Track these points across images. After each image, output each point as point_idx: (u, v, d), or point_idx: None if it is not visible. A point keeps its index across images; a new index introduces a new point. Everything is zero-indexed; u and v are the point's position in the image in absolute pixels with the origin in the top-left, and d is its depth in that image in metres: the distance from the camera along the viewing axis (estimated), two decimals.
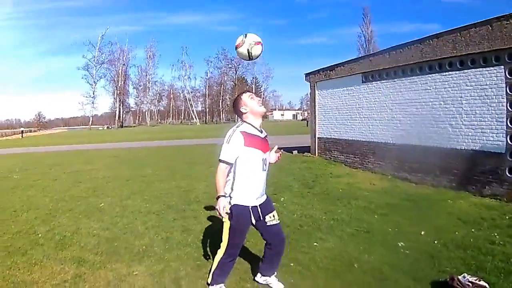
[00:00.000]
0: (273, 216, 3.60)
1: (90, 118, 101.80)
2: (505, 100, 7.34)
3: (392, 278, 3.93)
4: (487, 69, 7.60)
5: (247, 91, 3.63)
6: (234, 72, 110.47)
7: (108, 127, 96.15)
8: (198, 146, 23.37)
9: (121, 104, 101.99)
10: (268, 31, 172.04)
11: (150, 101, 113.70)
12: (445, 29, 8.55)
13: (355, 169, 11.92)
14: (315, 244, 5.07)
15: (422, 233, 5.34)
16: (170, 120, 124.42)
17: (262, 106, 3.52)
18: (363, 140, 11.90)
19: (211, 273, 3.61)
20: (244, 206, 3.38)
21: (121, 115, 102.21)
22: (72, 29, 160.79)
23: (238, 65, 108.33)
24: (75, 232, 5.85)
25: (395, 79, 10.31)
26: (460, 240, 4.99)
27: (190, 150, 21.09)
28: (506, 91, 7.31)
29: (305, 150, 16.44)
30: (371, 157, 11.42)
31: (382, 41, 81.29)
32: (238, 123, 3.47)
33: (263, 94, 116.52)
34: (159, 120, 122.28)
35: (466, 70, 8.06)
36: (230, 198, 3.37)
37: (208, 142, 26.14)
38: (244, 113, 3.47)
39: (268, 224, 3.56)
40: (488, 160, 7.62)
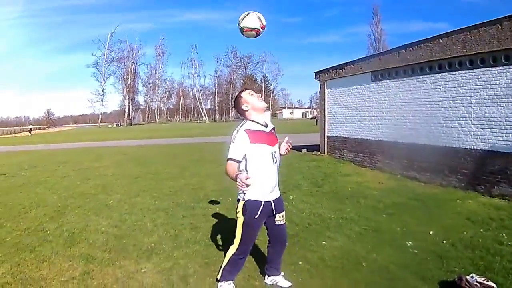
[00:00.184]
0: (282, 216, 3.65)
1: (99, 115, 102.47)
2: None
3: (399, 278, 3.95)
4: (497, 68, 7.57)
5: (246, 89, 3.66)
6: (244, 70, 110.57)
7: (117, 125, 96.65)
8: (207, 144, 23.43)
9: (130, 102, 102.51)
10: (277, 29, 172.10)
11: (160, 99, 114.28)
12: (454, 28, 8.53)
13: (364, 168, 11.91)
14: (324, 242, 5.10)
15: (431, 232, 5.35)
16: (180, 118, 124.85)
17: (262, 102, 3.56)
18: (372, 139, 11.89)
19: (222, 269, 3.66)
20: (257, 201, 3.42)
21: (130, 113, 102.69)
22: (82, 27, 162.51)
23: (248, 63, 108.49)
24: (84, 229, 5.90)
25: (405, 78, 10.28)
26: (468, 240, 4.99)
27: (199, 148, 21.16)
28: None
29: (314, 148, 16.44)
30: (380, 156, 11.41)
31: (391, 40, 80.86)
32: (242, 122, 3.51)
33: (273, 93, 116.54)
34: (168, 118, 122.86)
35: (475, 70, 8.03)
36: (244, 193, 3.41)
37: (217, 140, 26.19)
38: (246, 110, 3.50)
39: (276, 223, 3.62)
40: (497, 160, 7.59)
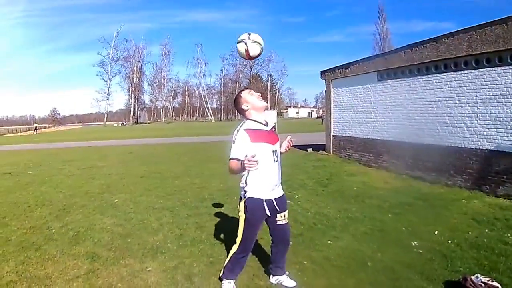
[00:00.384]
0: (284, 215, 3.66)
1: (105, 114, 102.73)
2: None
3: (405, 277, 3.95)
4: (503, 68, 7.54)
5: (246, 88, 3.68)
6: (249, 69, 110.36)
7: (122, 124, 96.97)
8: (212, 143, 23.44)
9: (136, 101, 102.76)
10: (283, 29, 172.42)
11: (165, 98, 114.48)
12: (460, 27, 8.51)
13: (370, 167, 11.90)
14: (329, 242, 5.12)
15: (436, 232, 5.34)
16: (185, 117, 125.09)
17: (262, 101, 3.57)
18: (378, 138, 11.88)
19: (224, 267, 3.71)
20: (258, 198, 3.44)
21: (136, 112, 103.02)
22: (87, 26, 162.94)
23: (253, 62, 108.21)
24: (89, 227, 5.94)
25: (411, 78, 10.26)
26: (473, 240, 4.99)
27: (204, 147, 21.21)
28: None
29: (320, 148, 16.43)
30: (386, 155, 11.40)
31: (397, 39, 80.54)
32: (241, 122, 3.53)
33: (278, 92, 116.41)
34: (174, 117, 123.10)
35: (481, 69, 8.00)
36: (245, 191, 3.44)
37: (222, 139, 26.13)
38: (246, 110, 3.52)
39: (278, 222, 3.63)
40: (502, 160, 7.57)
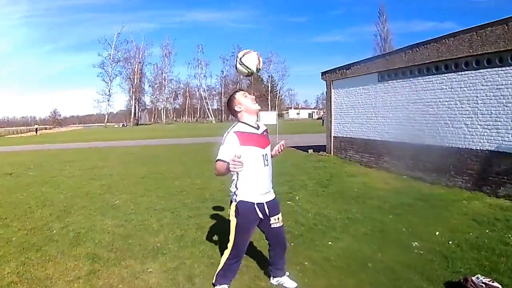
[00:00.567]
0: (277, 218, 3.63)
1: (106, 115, 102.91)
2: None
3: (405, 278, 3.95)
4: (503, 68, 7.54)
5: (241, 90, 3.65)
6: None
7: (123, 125, 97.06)
8: (213, 144, 23.34)
9: (136, 102, 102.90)
10: (283, 29, 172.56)
11: (166, 99, 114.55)
12: (461, 28, 8.52)
13: (370, 168, 11.90)
14: (330, 243, 5.12)
15: (436, 233, 5.34)
16: (186, 118, 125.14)
17: (256, 104, 3.55)
18: (379, 139, 11.88)
19: (216, 273, 3.67)
20: (249, 202, 3.40)
21: (136, 113, 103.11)
22: (88, 27, 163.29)
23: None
24: (90, 228, 5.94)
25: (411, 78, 10.26)
26: (474, 240, 4.99)
27: (205, 148, 21.18)
28: None
29: (320, 149, 16.45)
30: (386, 156, 11.40)
31: (398, 39, 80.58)
32: (233, 124, 3.52)
33: (279, 93, 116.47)
34: (175, 118, 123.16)
35: (482, 70, 8.00)
36: (236, 195, 3.42)
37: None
38: (238, 111, 3.51)
39: (272, 226, 3.60)
40: (503, 160, 7.56)
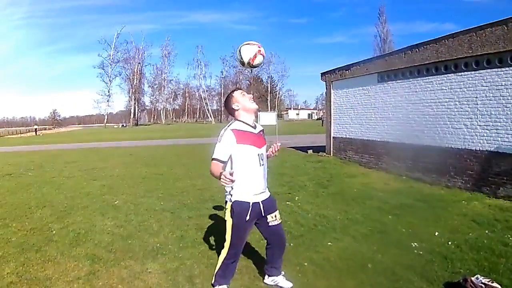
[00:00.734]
0: (275, 216, 3.62)
1: (105, 116, 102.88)
2: None
3: (405, 279, 3.95)
4: (503, 69, 7.55)
5: (239, 89, 3.65)
6: (250, 71, 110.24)
7: (123, 125, 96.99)
8: (213, 145, 23.37)
9: (136, 102, 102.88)
10: (283, 30, 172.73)
11: (165, 99, 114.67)
12: (461, 29, 8.52)
13: (370, 169, 11.91)
14: (329, 243, 5.12)
15: (436, 234, 5.35)
16: (185, 118, 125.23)
17: (254, 103, 3.55)
18: (378, 140, 11.89)
19: (215, 273, 3.65)
20: (245, 202, 3.39)
21: (136, 114, 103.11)
22: (88, 28, 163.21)
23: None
24: (90, 229, 5.93)
25: (411, 79, 10.27)
26: (473, 241, 4.99)
27: (205, 148, 21.11)
28: None
29: (320, 149, 16.45)
30: (386, 157, 11.40)
31: (397, 40, 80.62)
32: (230, 122, 3.52)
33: (279, 93, 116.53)
34: (174, 118, 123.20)
35: (481, 71, 8.01)
36: (231, 195, 3.40)
37: None
38: (236, 110, 3.50)
39: (270, 224, 3.59)
40: (503, 161, 7.57)
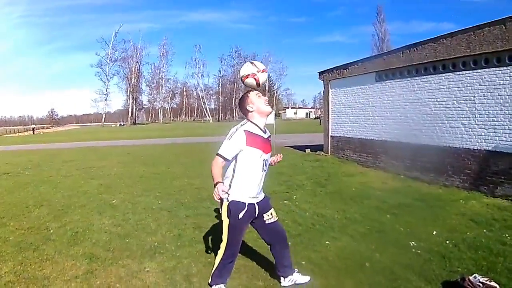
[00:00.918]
0: (271, 214, 3.60)
1: (103, 115, 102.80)
2: None
3: (403, 278, 3.95)
4: (501, 68, 7.56)
5: (255, 90, 3.59)
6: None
7: (120, 124, 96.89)
8: (211, 144, 23.38)
9: (134, 101, 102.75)
10: (281, 29, 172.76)
11: (163, 98, 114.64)
12: (459, 28, 8.53)
13: (368, 168, 11.92)
14: (327, 243, 5.11)
15: (434, 233, 5.35)
16: (183, 117, 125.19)
17: (268, 106, 3.50)
18: (376, 139, 11.90)
19: (212, 273, 3.63)
20: (241, 202, 3.36)
21: (134, 113, 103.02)
22: (86, 26, 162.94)
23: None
24: (87, 228, 5.91)
25: (409, 78, 10.28)
26: (471, 240, 5.00)
27: (203, 147, 21.17)
28: None
29: (318, 148, 16.46)
30: (384, 156, 11.41)
31: (395, 39, 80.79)
32: (243, 122, 3.47)
33: (276, 92, 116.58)
34: (172, 117, 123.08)
35: (479, 70, 8.02)
36: (228, 194, 3.34)
37: (221, 140, 26.01)
38: (250, 111, 3.45)
39: (266, 222, 3.57)
40: (501, 160, 7.58)
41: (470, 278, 3.53)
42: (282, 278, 3.83)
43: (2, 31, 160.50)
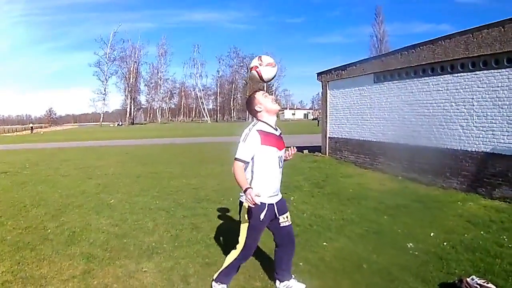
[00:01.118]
0: (286, 217, 3.59)
1: (101, 114, 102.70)
2: None
3: (400, 279, 3.95)
4: (499, 70, 7.57)
5: (260, 90, 3.60)
6: (246, 70, 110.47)
7: (119, 124, 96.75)
8: (209, 144, 23.45)
9: (132, 101, 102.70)
10: (280, 30, 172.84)
11: (161, 98, 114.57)
12: (457, 30, 8.54)
13: (365, 169, 11.92)
14: (325, 243, 5.11)
15: (431, 234, 5.35)
16: (181, 117, 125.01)
17: (276, 104, 3.51)
18: (374, 140, 11.90)
19: (220, 271, 3.60)
20: (262, 203, 3.32)
21: (132, 112, 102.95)
22: (84, 26, 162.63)
23: (249, 64, 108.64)
24: (85, 228, 5.90)
25: (407, 80, 10.29)
26: (469, 242, 5.00)
27: (201, 148, 21.19)
28: None
29: (315, 149, 16.45)
30: (382, 157, 11.41)
31: (394, 41, 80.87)
32: (254, 122, 3.46)
33: (274, 93, 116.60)
34: (170, 117, 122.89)
35: (477, 72, 8.03)
36: (259, 197, 3.30)
37: (219, 140, 26.27)
38: (258, 111, 3.45)
39: (281, 225, 3.56)
40: (498, 162, 7.59)
41: (468, 279, 3.53)
42: (277, 282, 3.80)
43: (1, 29, 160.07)
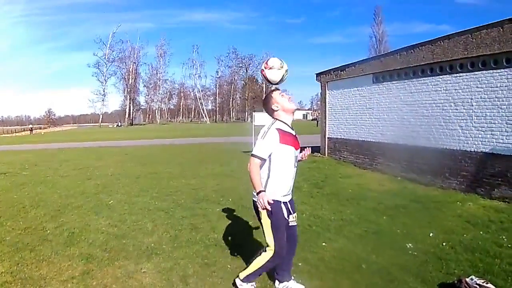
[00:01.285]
0: (294, 217, 3.62)
1: (100, 115, 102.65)
2: None
3: (400, 279, 3.95)
4: (498, 71, 7.57)
5: (277, 89, 3.62)
6: (245, 71, 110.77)
7: (118, 125, 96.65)
8: (208, 145, 23.45)
9: (131, 102, 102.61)
10: (279, 30, 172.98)
11: (161, 99, 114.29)
12: (456, 30, 8.55)
13: (365, 169, 11.92)
14: (324, 244, 5.11)
15: (431, 234, 5.36)
16: (180, 118, 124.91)
17: (292, 103, 3.53)
18: (373, 140, 11.90)
19: (249, 272, 3.58)
20: (279, 201, 3.37)
21: (131, 113, 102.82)
22: (83, 26, 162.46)
23: (249, 64, 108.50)
24: (84, 228, 5.90)
25: (406, 80, 10.29)
26: (468, 242, 5.00)
27: (200, 148, 21.18)
28: None
29: (314, 150, 16.41)
30: (381, 158, 11.41)
31: (393, 41, 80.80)
32: (273, 120, 3.47)
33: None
34: (169, 118, 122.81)
35: (476, 72, 8.04)
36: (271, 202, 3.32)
37: (218, 141, 26.27)
38: (275, 110, 3.47)
39: (290, 224, 3.57)
40: (497, 162, 7.60)
41: (467, 280, 3.54)
42: (277, 282, 3.80)
43: (1, 29, 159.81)
